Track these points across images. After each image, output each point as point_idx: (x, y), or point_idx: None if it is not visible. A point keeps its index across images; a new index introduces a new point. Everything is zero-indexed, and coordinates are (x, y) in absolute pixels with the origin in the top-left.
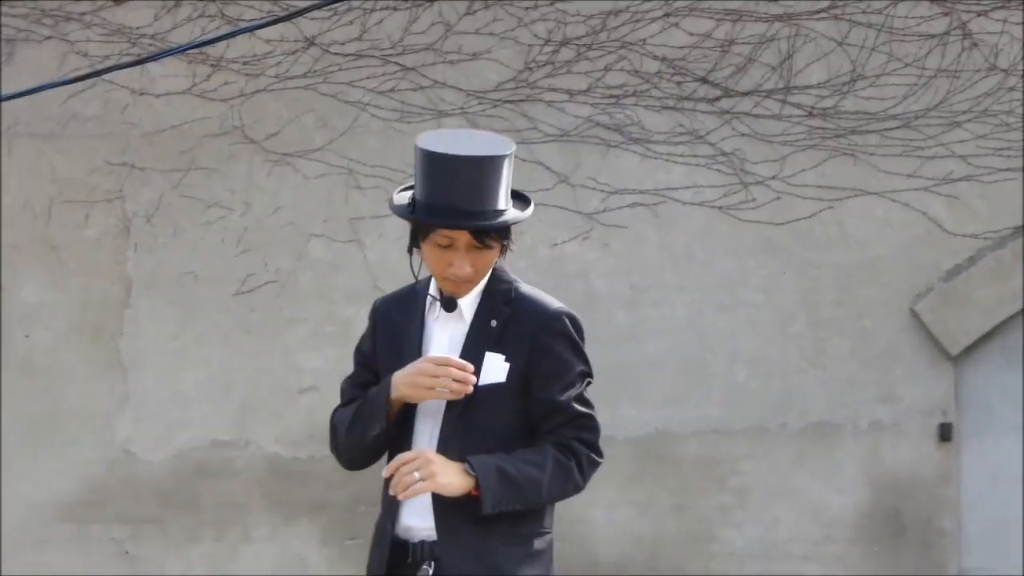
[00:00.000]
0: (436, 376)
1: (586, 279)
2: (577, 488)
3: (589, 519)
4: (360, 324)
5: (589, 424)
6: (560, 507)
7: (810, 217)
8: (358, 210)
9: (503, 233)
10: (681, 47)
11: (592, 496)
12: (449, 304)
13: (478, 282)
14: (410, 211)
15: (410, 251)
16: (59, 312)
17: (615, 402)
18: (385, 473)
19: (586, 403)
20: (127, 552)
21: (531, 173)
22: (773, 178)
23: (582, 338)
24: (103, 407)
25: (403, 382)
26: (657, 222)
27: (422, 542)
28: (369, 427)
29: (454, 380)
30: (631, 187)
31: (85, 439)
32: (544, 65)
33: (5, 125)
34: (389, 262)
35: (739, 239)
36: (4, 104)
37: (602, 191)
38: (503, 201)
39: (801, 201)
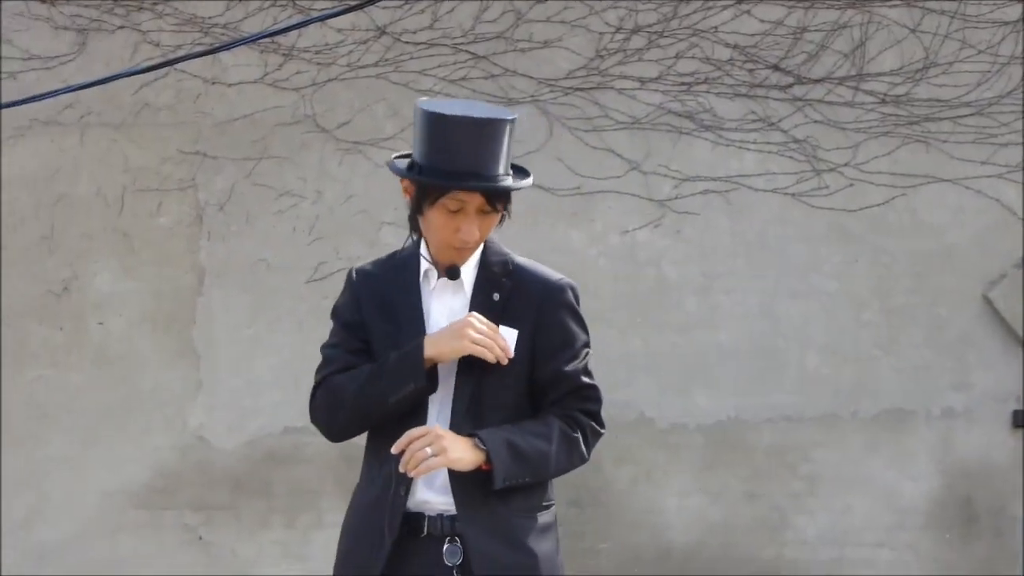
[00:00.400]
0: (484, 335)
1: (657, 266)
2: (582, 459)
3: (661, 507)
4: None
5: (593, 395)
6: (631, 494)
7: (883, 204)
8: None
9: (506, 199)
10: (753, 34)
11: (664, 484)
12: (453, 272)
13: (476, 249)
14: (418, 172)
15: (412, 218)
16: (132, 301)
17: (687, 390)
18: (395, 449)
19: (589, 374)
20: (200, 538)
21: (602, 160)
22: (846, 165)
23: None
24: (176, 395)
25: (446, 335)
26: (729, 209)
27: (440, 516)
28: (396, 388)
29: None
30: (703, 174)
31: (158, 427)
32: (615, 53)
33: (78, 115)
34: None
35: (812, 226)
36: (79, 93)
37: (674, 178)
38: (505, 167)
39: (874, 188)
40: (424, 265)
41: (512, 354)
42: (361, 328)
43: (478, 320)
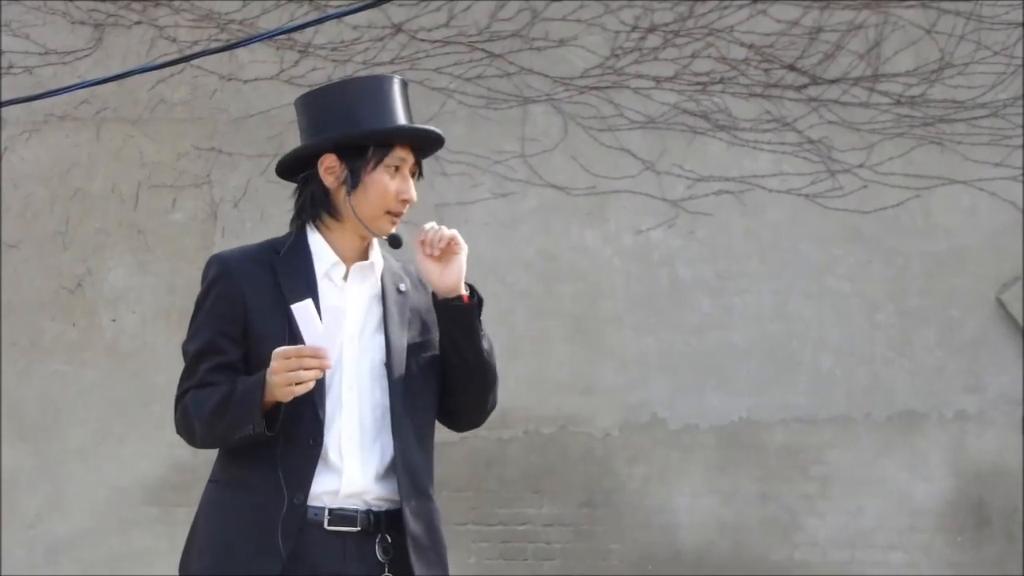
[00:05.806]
0: (289, 370)
1: (671, 266)
2: (495, 403)
3: (673, 507)
4: None
5: None
6: (643, 494)
7: (897, 206)
8: (443, 196)
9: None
10: (769, 34)
11: (676, 483)
12: (396, 239)
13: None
14: (355, 131)
15: (349, 192)
16: (146, 296)
17: (700, 390)
18: (425, 235)
19: None
20: None
21: (617, 160)
22: (860, 166)
23: None
24: None
25: (272, 383)
26: (743, 210)
27: (368, 511)
28: (237, 428)
29: (307, 368)
30: (717, 174)
31: (171, 423)
32: (631, 52)
33: (94, 110)
34: (474, 248)
35: (826, 227)
36: (95, 88)
37: (688, 178)
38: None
39: (888, 189)
40: (329, 260)
41: (330, 361)
42: (240, 325)
43: (279, 359)
